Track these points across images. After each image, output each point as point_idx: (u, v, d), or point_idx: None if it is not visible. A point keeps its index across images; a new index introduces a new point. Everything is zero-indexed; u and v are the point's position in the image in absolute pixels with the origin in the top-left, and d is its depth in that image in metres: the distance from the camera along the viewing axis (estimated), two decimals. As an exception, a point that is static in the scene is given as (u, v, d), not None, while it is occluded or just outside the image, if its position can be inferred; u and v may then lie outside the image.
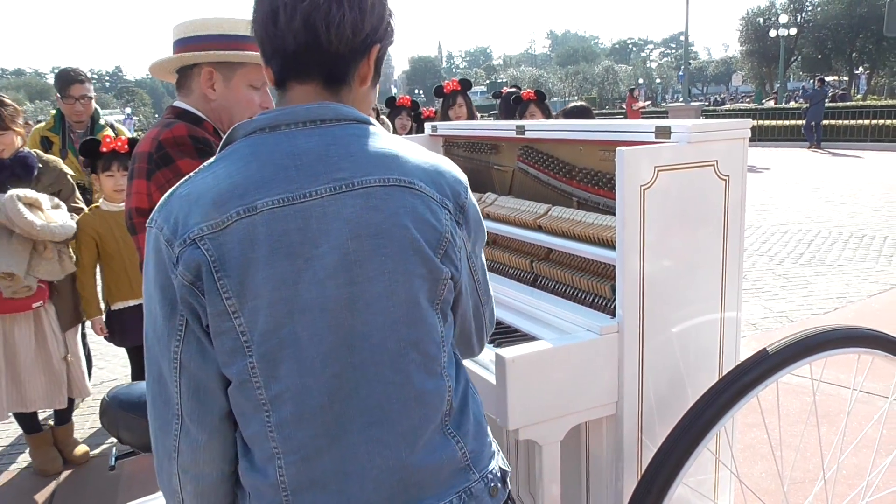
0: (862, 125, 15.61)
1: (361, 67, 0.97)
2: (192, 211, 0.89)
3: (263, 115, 0.95)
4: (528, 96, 3.68)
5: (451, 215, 0.97)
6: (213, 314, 0.88)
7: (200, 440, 0.94)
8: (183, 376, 0.91)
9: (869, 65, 36.61)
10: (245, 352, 0.89)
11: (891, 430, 2.63)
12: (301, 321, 0.88)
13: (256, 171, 0.90)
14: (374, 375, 0.92)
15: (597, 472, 1.74)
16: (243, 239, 0.87)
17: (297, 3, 0.91)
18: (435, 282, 0.95)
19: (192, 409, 0.92)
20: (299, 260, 0.88)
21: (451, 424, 0.98)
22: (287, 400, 0.89)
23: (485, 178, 2.33)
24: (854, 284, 5.11)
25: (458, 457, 0.98)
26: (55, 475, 2.93)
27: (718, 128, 1.58)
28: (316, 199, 0.89)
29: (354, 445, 0.92)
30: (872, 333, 1.59)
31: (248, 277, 0.87)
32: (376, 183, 0.92)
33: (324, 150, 0.92)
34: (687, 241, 1.59)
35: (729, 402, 1.41)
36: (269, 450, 0.91)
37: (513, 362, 1.44)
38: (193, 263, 0.87)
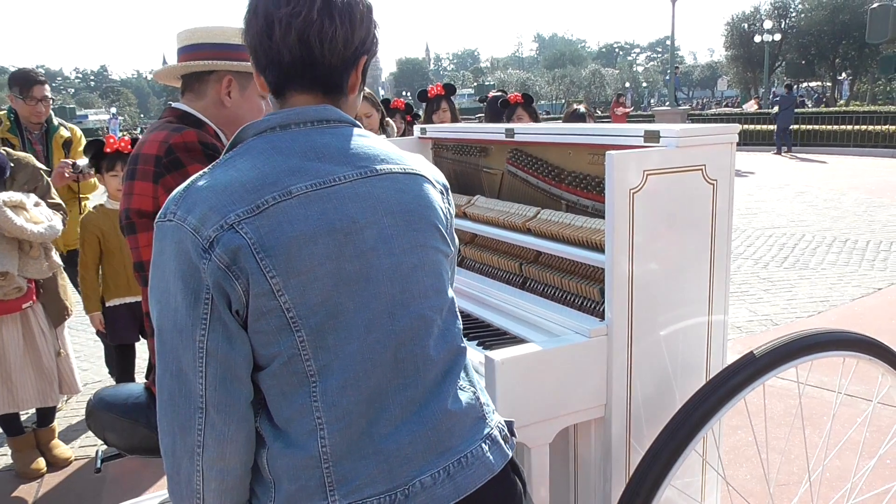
0: (845, 130, 15.82)
1: (351, 78, 1.04)
2: (222, 199, 0.92)
3: (274, 115, 1.00)
4: (516, 99, 3.69)
5: (445, 198, 1.10)
6: (258, 294, 0.91)
7: (227, 431, 0.94)
8: (210, 365, 0.92)
9: (851, 71, 37.12)
10: (292, 328, 0.92)
11: (873, 432, 2.67)
12: (346, 292, 0.94)
13: (283, 162, 0.95)
14: (412, 340, 0.98)
15: (585, 475, 1.75)
16: (283, 221, 0.91)
17: (291, 19, 0.96)
18: (448, 257, 1.06)
19: (219, 398, 0.93)
20: (339, 235, 0.94)
21: (465, 380, 1.06)
22: (335, 368, 0.94)
23: (474, 181, 2.34)
24: (837, 288, 5.17)
25: (477, 406, 1.05)
26: (38, 478, 2.89)
27: (706, 132, 1.59)
28: (346, 183, 0.96)
29: (389, 407, 0.97)
30: (858, 337, 1.61)
31: (291, 256, 0.91)
32: (398, 170, 1.02)
33: (340, 144, 0.99)
34: (675, 244, 1.60)
35: (717, 405, 1.42)
36: (310, 423, 0.94)
37: (502, 364, 1.44)
38: (232, 246, 0.90)
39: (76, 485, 2.84)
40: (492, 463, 1.03)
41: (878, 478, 2.37)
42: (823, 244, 6.65)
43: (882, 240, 6.67)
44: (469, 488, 0.99)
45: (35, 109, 3.30)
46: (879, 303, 4.78)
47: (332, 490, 0.94)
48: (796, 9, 38.15)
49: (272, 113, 1.01)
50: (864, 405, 3.02)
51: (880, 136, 15.02)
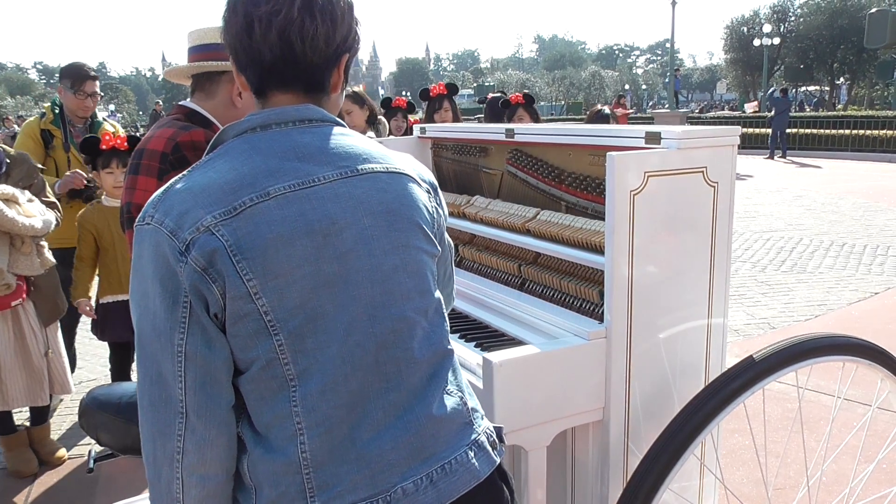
0: (842, 135, 15.85)
1: (333, 76, 1.03)
2: (199, 202, 0.90)
3: (254, 116, 0.99)
4: (517, 100, 3.68)
5: (433, 197, 1.07)
6: (235, 297, 0.89)
7: (208, 436, 0.93)
8: (189, 369, 0.91)
9: (849, 76, 37.22)
10: (270, 331, 0.91)
11: (870, 437, 2.66)
12: (326, 294, 0.92)
13: (261, 163, 0.94)
14: (393, 342, 0.97)
15: (582, 478, 1.73)
16: (260, 223, 0.90)
17: (271, 17, 0.94)
18: (433, 257, 1.04)
19: (199, 403, 0.92)
20: (318, 237, 0.92)
21: (452, 384, 1.04)
22: (315, 372, 0.92)
23: (473, 181, 2.32)
24: (834, 292, 5.17)
25: (463, 411, 1.03)
26: (31, 477, 2.87)
27: (708, 134, 1.58)
28: (326, 184, 0.95)
29: (372, 411, 0.95)
30: (858, 342, 1.60)
31: (268, 258, 0.90)
32: (380, 169, 1.00)
33: (321, 143, 0.98)
34: (675, 246, 1.59)
35: (716, 409, 1.41)
36: (290, 428, 0.92)
37: (500, 367, 1.43)
38: (208, 249, 0.88)
39: (69, 484, 2.82)
40: (477, 470, 1.01)
41: (876, 483, 2.36)
42: (821, 248, 6.65)
43: (879, 244, 6.68)
44: (452, 495, 0.97)
45: (83, 104, 3.31)
46: (876, 307, 4.78)
47: (312, 496, 0.92)
48: (795, 13, 38.25)
49: (252, 113, 1.00)
50: (861, 409, 3.01)
51: (878, 140, 15.06)
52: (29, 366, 2.75)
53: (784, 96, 16.68)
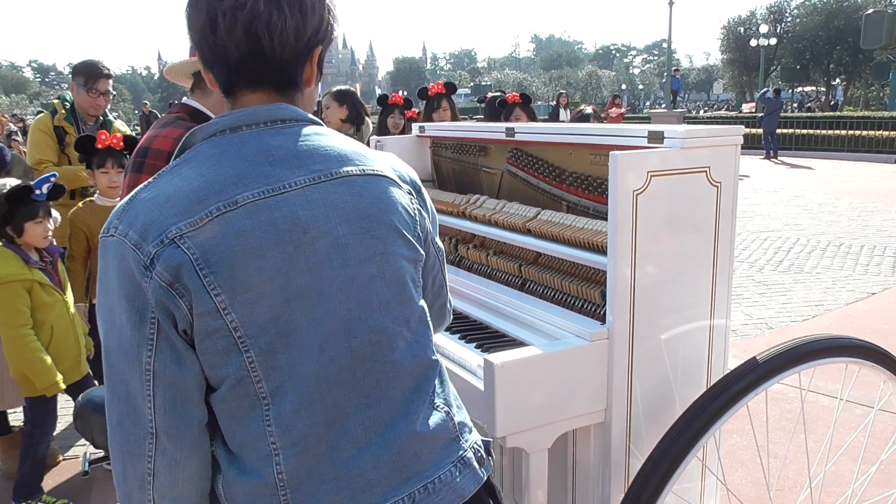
0: (839, 135, 15.89)
1: (306, 70, 0.97)
2: (164, 212, 0.85)
3: (222, 118, 0.93)
4: (514, 99, 3.67)
5: (415, 199, 1.02)
6: (202, 313, 0.85)
7: (179, 457, 0.89)
8: (158, 388, 0.86)
9: (845, 76, 37.34)
10: (240, 348, 0.86)
11: (871, 438, 2.65)
12: (298, 308, 0.88)
13: (230, 168, 0.88)
14: (371, 356, 0.92)
15: (583, 480, 1.72)
16: (227, 233, 0.85)
17: (236, 11, 0.88)
18: (415, 263, 0.99)
19: (169, 422, 0.87)
20: (289, 247, 0.87)
21: (439, 397, 1.00)
22: (288, 390, 0.88)
23: (473, 181, 2.31)
24: (832, 292, 5.18)
25: (450, 427, 0.99)
26: (25, 478, 2.84)
27: (711, 134, 1.57)
28: (297, 190, 0.89)
29: (351, 429, 0.91)
30: (861, 343, 1.59)
31: (237, 271, 0.85)
32: (355, 173, 0.94)
33: (294, 145, 0.92)
34: (678, 247, 1.57)
35: (719, 411, 1.40)
36: (265, 448, 0.88)
37: (501, 368, 1.41)
38: (173, 263, 0.84)
39: (64, 486, 2.80)
40: (462, 488, 0.97)
41: (877, 485, 2.36)
42: (818, 248, 6.66)
43: (876, 244, 6.69)
44: None
45: (96, 102, 3.27)
46: (873, 307, 4.78)
47: None
48: (792, 13, 38.37)
49: (222, 115, 0.94)
50: (861, 410, 3.01)
51: (874, 141, 15.09)
52: None
53: (776, 97, 16.67)
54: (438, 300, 1.18)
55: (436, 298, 1.17)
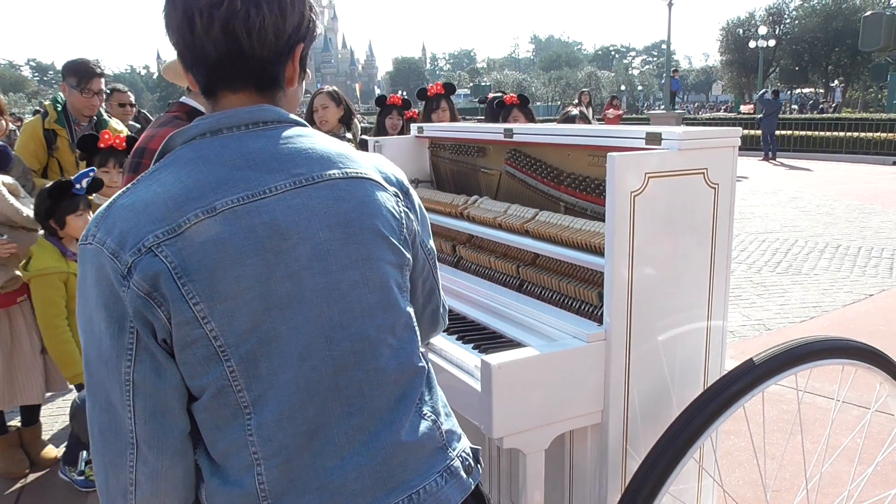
0: (837, 137, 15.91)
1: (287, 69, 0.95)
2: (142, 219, 0.84)
3: (202, 121, 0.91)
4: (512, 100, 3.68)
5: (401, 202, 1.00)
6: (181, 323, 0.83)
7: (161, 467, 0.88)
8: (137, 398, 0.85)
9: (844, 78, 37.39)
10: (220, 357, 0.85)
11: (868, 439, 2.66)
12: (279, 316, 0.86)
13: (209, 174, 0.86)
14: (354, 364, 0.91)
15: (580, 481, 1.72)
16: (206, 241, 0.83)
17: (213, 10, 0.86)
18: (400, 268, 0.97)
19: (150, 433, 0.86)
20: (269, 255, 0.86)
21: (427, 405, 0.99)
22: (270, 399, 0.87)
23: (471, 181, 2.31)
24: (829, 294, 5.18)
25: (436, 436, 0.98)
26: (21, 478, 2.84)
27: (709, 135, 1.57)
28: (277, 195, 0.88)
29: (334, 438, 0.90)
30: (858, 345, 1.60)
31: (216, 279, 0.83)
32: (338, 176, 0.92)
33: (275, 148, 0.90)
34: (675, 248, 1.58)
35: (716, 413, 1.40)
36: (247, 457, 0.87)
37: (499, 369, 1.41)
38: (150, 272, 0.82)
39: (60, 485, 2.79)
40: (447, 499, 0.95)
41: (874, 486, 2.36)
42: (816, 250, 6.67)
43: (873, 246, 6.70)
44: None
45: (90, 102, 3.23)
46: (870, 309, 4.79)
47: None
48: (791, 15, 38.43)
49: (201, 117, 0.92)
50: (857, 412, 3.01)
51: (872, 142, 15.12)
52: (25, 364, 2.73)
53: (775, 98, 16.67)
54: (430, 304, 1.16)
55: (427, 302, 1.15)
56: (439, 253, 2.24)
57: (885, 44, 17.75)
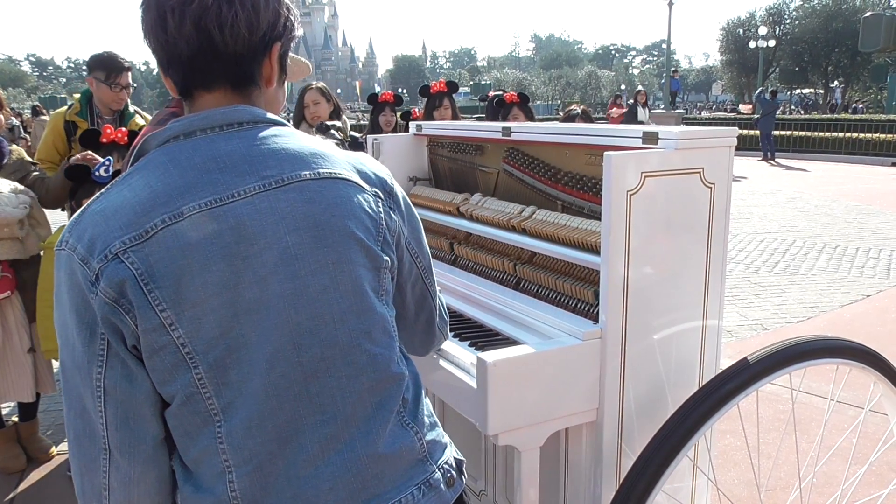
0: (836, 137, 15.92)
1: (264, 68, 0.94)
2: (110, 225, 0.83)
3: (176, 123, 0.90)
4: (512, 99, 3.68)
5: (382, 202, 0.97)
6: (147, 330, 0.83)
7: (133, 474, 0.88)
8: (109, 405, 0.85)
9: (843, 79, 37.40)
10: (188, 364, 0.84)
11: (861, 439, 2.67)
12: (247, 322, 0.85)
13: (178, 178, 0.86)
14: (325, 371, 0.89)
15: (575, 479, 1.73)
16: (172, 247, 0.83)
17: (184, 7, 0.86)
18: (377, 270, 0.94)
19: (121, 439, 0.87)
20: (236, 260, 0.84)
21: (408, 415, 0.97)
22: (239, 406, 0.86)
23: (469, 179, 2.31)
24: (827, 294, 5.19)
25: (417, 447, 0.96)
26: (18, 473, 2.84)
27: (705, 135, 1.58)
28: (246, 198, 0.86)
29: (307, 446, 0.88)
30: (852, 345, 1.60)
31: (182, 286, 0.83)
32: (308, 177, 0.90)
33: (247, 150, 0.89)
34: (671, 247, 1.58)
35: (710, 411, 1.41)
36: (218, 465, 0.87)
37: (494, 366, 1.42)
38: (116, 279, 0.82)
39: (57, 481, 2.80)
40: None
41: (868, 485, 2.37)
42: (814, 250, 6.68)
43: (871, 247, 6.71)
44: None
45: (118, 96, 3.22)
46: (868, 309, 4.80)
47: None
48: (791, 16, 38.44)
49: (175, 119, 0.91)
50: (852, 411, 3.02)
51: (871, 143, 15.13)
52: (16, 361, 2.73)
53: (773, 98, 16.65)
54: (423, 312, 1.13)
55: (419, 310, 1.12)
56: (436, 250, 2.25)
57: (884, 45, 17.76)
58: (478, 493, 2.18)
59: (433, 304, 1.14)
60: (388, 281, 0.97)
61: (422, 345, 1.19)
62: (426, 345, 1.20)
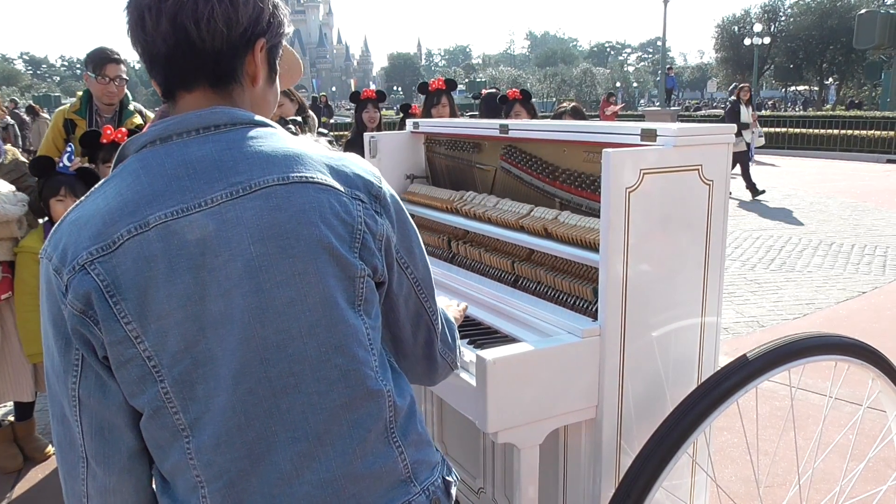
0: (831, 135, 15.96)
1: (248, 65, 0.91)
2: (81, 236, 0.83)
3: (154, 127, 0.89)
4: (514, 95, 3.69)
5: (364, 205, 0.91)
6: (113, 342, 0.82)
7: (109, 483, 0.88)
8: (84, 414, 0.85)
9: (838, 76, 37.51)
10: (155, 377, 0.83)
11: (858, 436, 2.67)
12: (214, 337, 0.83)
13: (147, 186, 0.84)
14: (295, 387, 0.85)
15: (574, 476, 1.73)
16: (138, 258, 0.81)
17: (161, 4, 0.85)
18: (351, 280, 0.88)
19: (96, 449, 0.86)
20: (202, 272, 0.82)
21: (398, 432, 0.93)
22: (207, 422, 0.84)
23: (466, 177, 2.31)
24: (822, 291, 5.21)
25: (399, 468, 0.92)
26: (15, 472, 2.84)
27: (703, 132, 1.58)
28: (213, 207, 0.83)
29: (280, 464, 0.86)
30: (851, 342, 1.61)
31: (148, 298, 0.81)
32: (276, 182, 0.85)
33: (218, 155, 0.86)
34: (670, 244, 1.58)
35: (709, 408, 1.41)
36: (191, 479, 0.85)
37: (493, 364, 1.42)
38: (82, 291, 0.81)
39: (54, 480, 2.79)
40: None
41: (865, 482, 2.38)
42: (810, 247, 6.70)
43: (867, 244, 6.73)
44: None
45: (107, 89, 3.20)
46: (863, 306, 4.82)
47: None
48: (786, 13, 38.53)
49: (154, 123, 0.91)
50: (849, 408, 3.03)
51: (866, 140, 15.18)
52: (15, 361, 2.72)
53: None
54: (420, 333, 1.05)
55: (416, 330, 1.04)
56: (434, 248, 2.24)
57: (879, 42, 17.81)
58: (476, 491, 2.18)
59: (432, 325, 1.05)
60: (370, 290, 0.91)
61: (425, 374, 1.10)
62: (430, 374, 1.11)
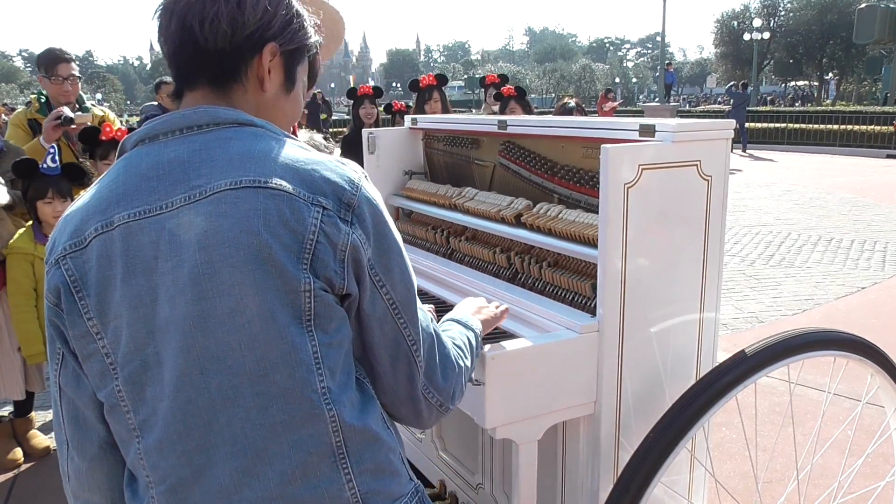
0: (831, 130, 15.94)
1: (255, 67, 0.91)
2: (65, 231, 0.87)
3: (147, 125, 0.91)
4: (509, 92, 3.69)
5: (325, 212, 0.83)
6: (77, 336, 0.86)
7: (83, 468, 0.94)
8: (63, 402, 0.92)
9: (838, 71, 37.46)
10: (112, 374, 0.86)
11: (856, 431, 2.68)
12: (161, 342, 0.83)
13: (122, 185, 0.86)
14: (234, 401, 0.83)
15: (572, 472, 1.73)
16: (101, 256, 0.84)
17: (173, 7, 0.89)
18: (294, 294, 0.82)
19: (72, 435, 0.93)
20: (155, 276, 0.83)
21: (349, 458, 0.87)
22: (153, 425, 0.85)
23: (465, 173, 2.30)
24: (822, 286, 5.21)
25: (345, 496, 0.86)
26: (14, 468, 2.84)
27: (702, 128, 1.57)
28: (172, 210, 0.83)
29: (220, 477, 0.84)
30: (849, 337, 1.60)
31: (106, 296, 0.84)
32: (226, 186, 0.82)
33: (188, 156, 0.85)
34: (669, 240, 1.58)
35: (708, 403, 1.41)
36: (143, 478, 0.88)
37: (492, 360, 1.41)
38: (54, 284, 0.85)
39: (53, 476, 2.78)
40: None
41: (864, 477, 2.38)
42: (809, 242, 6.69)
43: (866, 239, 6.73)
44: None
45: (61, 89, 3.22)
46: (862, 301, 4.82)
47: None
48: (785, 8, 38.45)
49: (149, 121, 0.91)
50: (848, 404, 3.03)
51: (866, 135, 15.16)
52: (4, 359, 2.72)
53: (743, 90, 16.79)
54: (400, 366, 0.93)
55: (395, 360, 0.93)
56: (432, 244, 2.24)
57: (879, 36, 17.79)
58: (475, 487, 2.18)
59: (412, 357, 0.93)
60: (323, 304, 0.84)
61: (411, 416, 0.98)
62: (416, 416, 0.98)
